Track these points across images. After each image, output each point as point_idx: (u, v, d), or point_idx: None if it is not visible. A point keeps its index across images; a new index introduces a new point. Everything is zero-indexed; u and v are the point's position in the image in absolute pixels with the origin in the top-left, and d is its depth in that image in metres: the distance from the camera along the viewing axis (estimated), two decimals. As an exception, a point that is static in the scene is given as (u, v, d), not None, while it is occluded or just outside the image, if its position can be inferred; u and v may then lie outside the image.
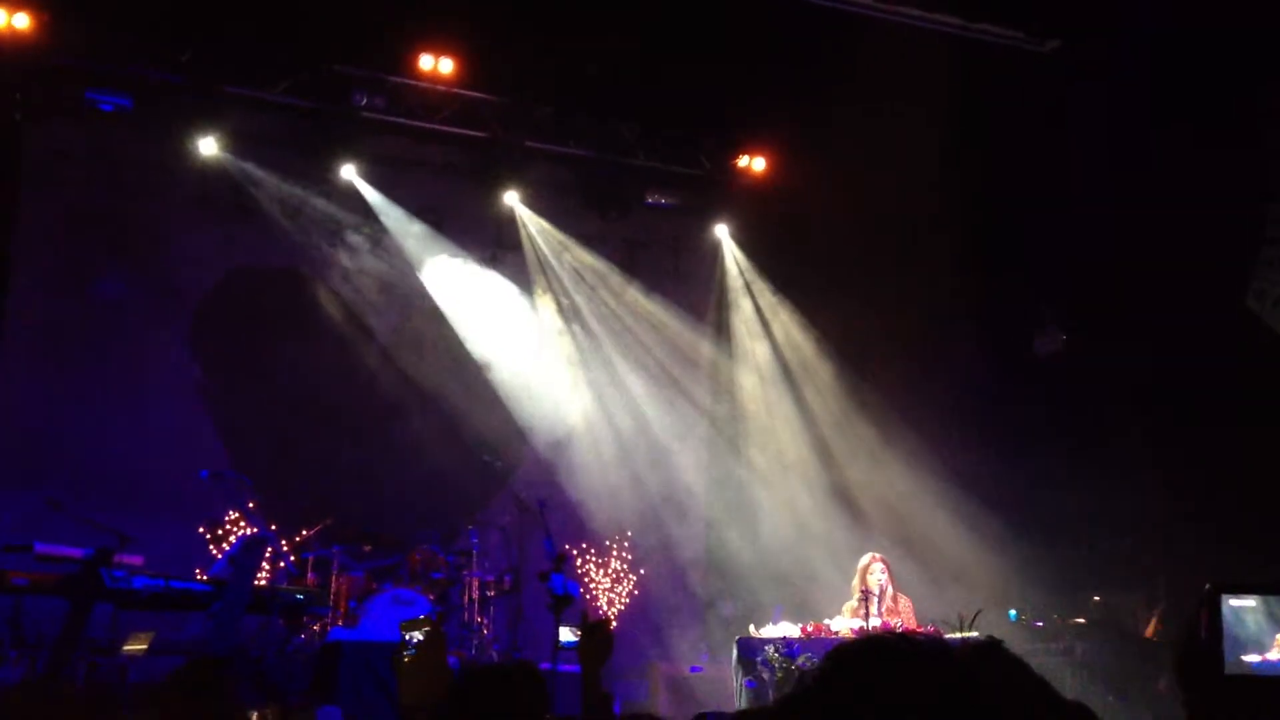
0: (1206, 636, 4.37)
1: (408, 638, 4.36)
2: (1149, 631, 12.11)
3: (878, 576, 10.46)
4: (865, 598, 10.14)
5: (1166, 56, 11.43)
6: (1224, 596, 4.57)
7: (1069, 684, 11.22)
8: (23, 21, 11.16)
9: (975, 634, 9.61)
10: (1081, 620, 11.97)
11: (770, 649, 9.69)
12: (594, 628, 4.95)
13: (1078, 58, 12.35)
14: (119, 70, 11.86)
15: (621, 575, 13.65)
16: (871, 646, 2.83)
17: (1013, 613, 12.07)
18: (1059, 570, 12.68)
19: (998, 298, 13.84)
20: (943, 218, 12.80)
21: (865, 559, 10.63)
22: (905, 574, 11.35)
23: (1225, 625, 4.52)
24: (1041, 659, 11.04)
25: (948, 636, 9.55)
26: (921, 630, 9.90)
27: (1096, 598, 12.62)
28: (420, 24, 12.10)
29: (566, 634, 9.96)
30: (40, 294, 12.06)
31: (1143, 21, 11.38)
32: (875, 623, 9.91)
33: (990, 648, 3.09)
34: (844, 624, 10.08)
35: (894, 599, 10.45)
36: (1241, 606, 4.60)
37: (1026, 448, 13.38)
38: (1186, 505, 11.84)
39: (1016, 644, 10.54)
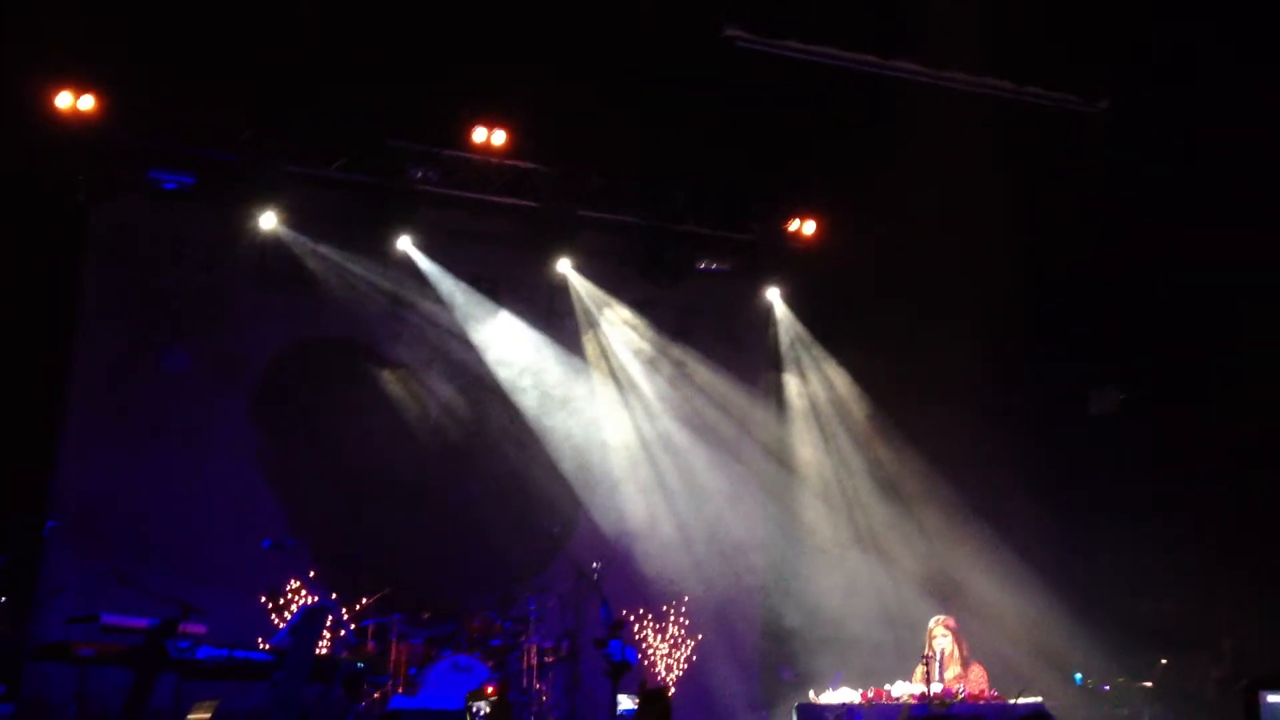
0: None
1: (474, 709, 4.39)
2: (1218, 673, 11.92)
3: (941, 639, 10.32)
4: (927, 661, 10.01)
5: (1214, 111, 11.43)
6: (1263, 692, 4.62)
7: (1136, 750, 11.06)
8: (88, 103, 11.47)
9: (1038, 699, 9.50)
10: (1148, 684, 11.78)
11: (830, 715, 9.56)
12: (653, 696, 4.96)
13: (1128, 116, 12.35)
14: (180, 149, 12.14)
15: (679, 641, 13.59)
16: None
17: (1078, 676, 11.91)
18: (1123, 632, 12.50)
19: (1052, 358, 13.80)
20: (995, 277, 12.80)
21: (931, 622, 10.50)
22: (970, 639, 11.21)
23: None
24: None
25: (1010, 702, 9.46)
26: (986, 697, 9.77)
27: (1163, 660, 12.41)
28: (472, 98, 12.33)
29: (625, 702, 9.91)
30: (104, 367, 12.29)
31: (1188, 76, 11.39)
32: (937, 688, 9.77)
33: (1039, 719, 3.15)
34: (904, 689, 9.93)
35: (964, 665, 10.27)
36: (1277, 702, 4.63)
37: (1085, 509, 13.27)
38: (1249, 565, 11.68)
39: (1082, 709, 10.46)
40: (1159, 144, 11.93)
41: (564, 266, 13.87)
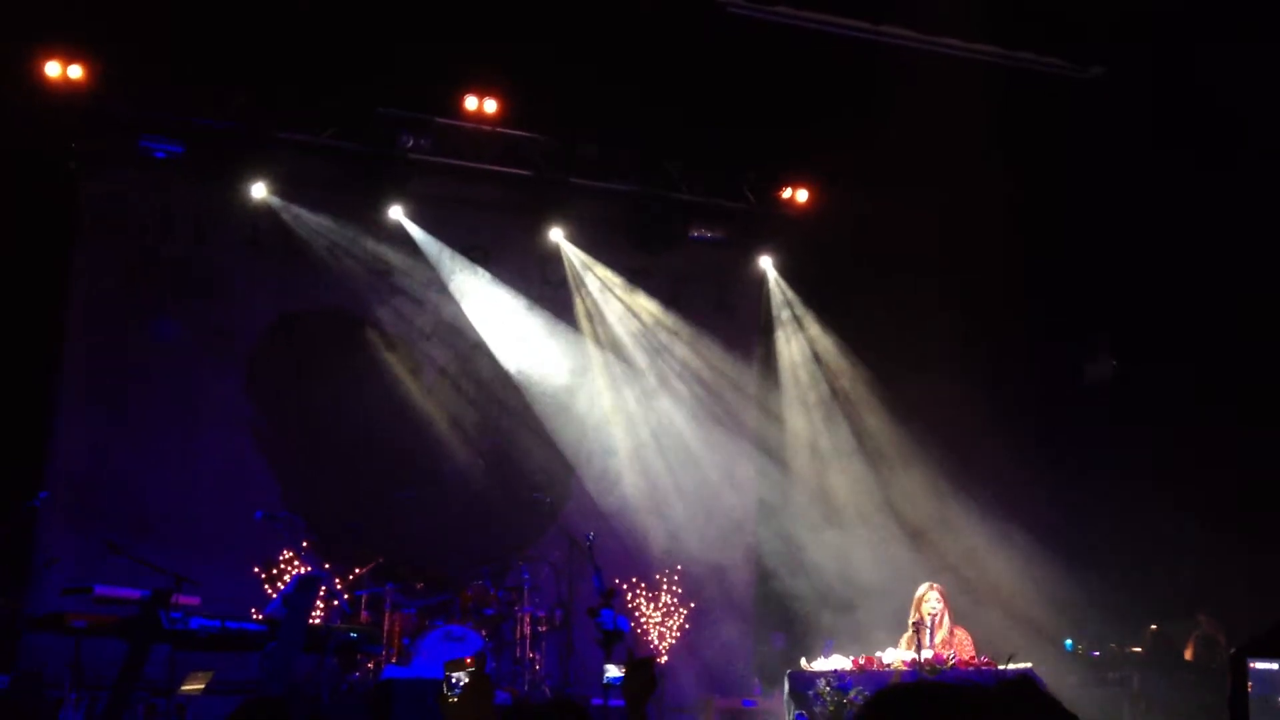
0: (1232, 697, 4.48)
1: (453, 678, 4.38)
2: (1188, 654, 12.00)
3: (932, 606, 10.36)
4: (918, 629, 10.05)
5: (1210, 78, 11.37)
6: (1250, 660, 4.66)
7: (1126, 716, 11.11)
8: (77, 72, 11.42)
9: (1027, 665, 9.54)
10: (1138, 650, 11.84)
11: (822, 682, 9.60)
12: (638, 664, 4.97)
13: (1120, 82, 12.29)
14: (171, 118, 12.08)
15: (672, 609, 13.65)
16: (909, 695, 2.89)
17: (1069, 643, 11.97)
18: (1115, 598, 12.56)
19: (1046, 325, 13.79)
20: (988, 245, 12.78)
21: (921, 588, 10.51)
22: (958, 604, 11.25)
23: (1255, 684, 4.60)
24: (1097, 690, 10.95)
25: (1000, 668, 9.51)
26: (976, 662, 9.82)
27: (1154, 626, 12.48)
28: (465, 66, 12.25)
29: (612, 670, 9.97)
30: (95, 338, 12.30)
31: (1183, 43, 11.31)
32: (928, 654, 9.81)
33: (1023, 686, 3.15)
34: (896, 656, 9.97)
35: (950, 630, 10.34)
36: (1267, 669, 4.66)
37: (1077, 475, 13.30)
38: (1242, 532, 11.71)
39: (1072, 675, 10.51)
40: (1152, 111, 11.87)
41: (557, 235, 13.85)
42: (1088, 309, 13.74)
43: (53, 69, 11.36)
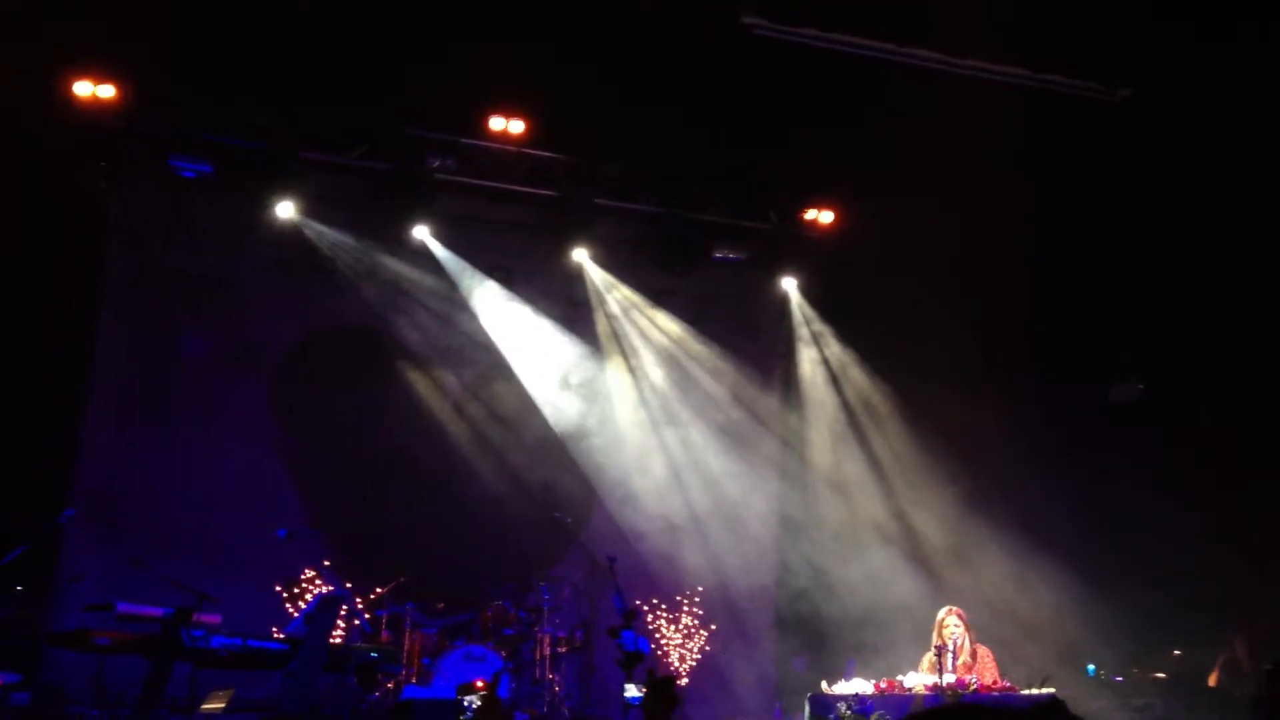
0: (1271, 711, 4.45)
1: (465, 702, 4.40)
2: (1212, 681, 11.89)
3: (953, 630, 10.34)
4: (940, 652, 10.03)
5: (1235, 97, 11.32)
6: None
7: (1149, 743, 11.02)
8: (108, 92, 11.55)
9: (1050, 690, 9.49)
10: (1162, 675, 11.75)
11: (843, 706, 9.59)
12: (659, 684, 4.97)
13: (1149, 105, 12.24)
14: (200, 138, 12.19)
15: (693, 631, 13.60)
16: (943, 716, 2.89)
17: (1091, 667, 11.88)
18: (1138, 623, 12.46)
19: (1072, 345, 13.72)
20: (1014, 266, 12.74)
21: (942, 613, 10.52)
22: (981, 627, 11.18)
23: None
24: (1120, 716, 10.87)
25: (1022, 693, 9.46)
26: (999, 685, 9.78)
27: (1177, 651, 12.38)
28: (491, 87, 12.32)
29: (632, 690, 9.96)
30: (123, 354, 12.40)
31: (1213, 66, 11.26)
32: (950, 678, 9.79)
33: (1054, 709, 3.14)
34: (917, 680, 9.96)
35: (972, 652, 10.31)
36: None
37: (1102, 498, 13.22)
38: (1268, 556, 11.62)
39: (1095, 701, 10.42)
40: (1179, 130, 11.81)
41: (581, 255, 13.88)
42: (1115, 330, 13.66)
43: (83, 89, 11.49)
